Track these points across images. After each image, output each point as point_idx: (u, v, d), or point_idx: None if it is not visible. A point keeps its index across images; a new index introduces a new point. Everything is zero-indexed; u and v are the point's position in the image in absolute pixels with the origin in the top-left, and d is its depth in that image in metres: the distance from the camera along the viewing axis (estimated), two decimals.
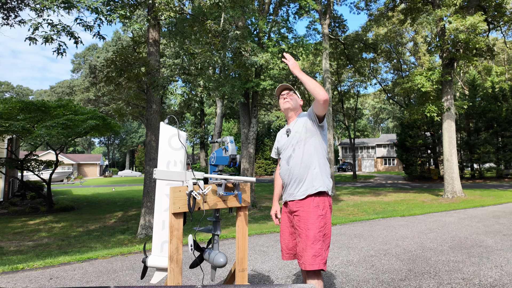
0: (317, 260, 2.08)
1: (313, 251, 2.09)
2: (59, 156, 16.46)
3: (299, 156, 2.26)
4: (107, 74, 9.95)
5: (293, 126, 2.36)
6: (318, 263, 2.08)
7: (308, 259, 2.08)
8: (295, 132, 2.32)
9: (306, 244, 2.11)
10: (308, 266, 2.08)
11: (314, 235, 2.12)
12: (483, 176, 26.78)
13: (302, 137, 2.28)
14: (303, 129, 2.28)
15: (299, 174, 2.24)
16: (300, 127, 2.30)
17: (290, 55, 12.93)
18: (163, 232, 2.20)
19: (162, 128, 2.23)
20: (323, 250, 2.12)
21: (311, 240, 2.11)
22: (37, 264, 4.36)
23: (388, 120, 71.78)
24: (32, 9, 6.81)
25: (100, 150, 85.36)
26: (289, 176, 2.30)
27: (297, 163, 2.26)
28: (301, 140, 2.27)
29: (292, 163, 2.29)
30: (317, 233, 2.12)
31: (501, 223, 6.48)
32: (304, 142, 2.27)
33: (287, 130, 2.40)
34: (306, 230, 2.14)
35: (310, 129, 2.27)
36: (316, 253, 2.09)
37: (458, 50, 14.30)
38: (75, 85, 43.79)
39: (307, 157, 2.25)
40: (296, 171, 2.26)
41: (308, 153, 2.25)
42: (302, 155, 2.25)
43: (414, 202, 13.50)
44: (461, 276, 3.45)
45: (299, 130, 2.30)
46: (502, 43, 30.86)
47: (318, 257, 2.09)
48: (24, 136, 13.35)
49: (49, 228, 10.82)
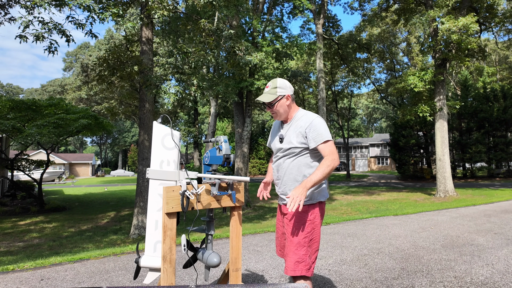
0: (299, 266, 2.03)
1: (296, 257, 2.05)
2: (50, 156, 16.26)
3: (289, 168, 2.17)
4: (100, 72, 9.85)
5: (287, 132, 2.21)
6: (301, 269, 2.03)
7: (290, 265, 2.05)
8: (287, 143, 2.17)
9: (290, 250, 2.08)
10: (290, 272, 2.04)
11: (298, 241, 2.07)
12: (475, 176, 27.11)
13: (293, 151, 2.15)
14: (295, 142, 2.14)
15: (288, 184, 2.19)
16: (293, 139, 2.14)
17: (284, 56, 12.78)
18: (156, 232, 2.18)
19: (155, 128, 2.21)
20: (307, 256, 2.06)
21: (294, 245, 2.07)
22: (28, 265, 4.29)
23: (382, 120, 72.32)
24: (23, 7, 6.71)
25: (92, 150, 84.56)
26: (279, 183, 2.25)
27: (286, 174, 2.18)
28: (292, 153, 2.15)
29: (281, 172, 2.21)
30: (302, 239, 2.07)
31: (492, 221, 6.56)
32: (296, 155, 2.16)
33: (280, 136, 2.24)
34: (292, 235, 2.09)
35: (302, 142, 2.13)
36: (299, 259, 2.04)
37: (450, 50, 14.45)
38: (66, 83, 43.31)
39: (296, 170, 2.15)
40: (285, 181, 2.20)
41: (298, 165, 2.15)
42: (292, 167, 2.16)
43: (407, 201, 13.62)
44: (453, 275, 3.48)
45: (291, 142, 2.15)
46: (494, 44, 31.26)
47: (301, 263, 2.04)
48: (14, 135, 13.18)
49: (40, 229, 10.68)
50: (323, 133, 2.09)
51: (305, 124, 2.12)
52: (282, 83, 2.19)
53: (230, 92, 10.78)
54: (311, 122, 2.11)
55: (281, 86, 2.18)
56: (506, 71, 37.56)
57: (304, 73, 24.00)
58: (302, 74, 23.18)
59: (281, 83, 2.19)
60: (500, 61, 39.53)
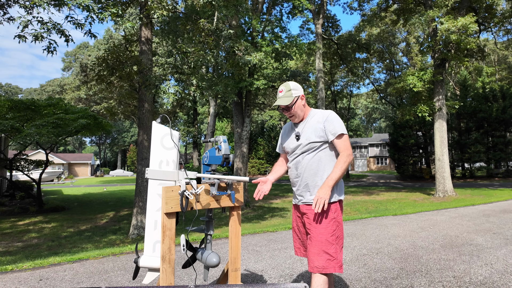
0: (332, 263, 2.04)
1: (328, 255, 2.05)
2: (49, 156, 16.23)
3: (309, 163, 2.18)
4: (99, 72, 9.84)
5: (303, 129, 2.24)
6: (334, 266, 2.04)
7: (321, 263, 2.04)
8: (305, 139, 2.19)
9: (319, 248, 2.07)
10: (323, 270, 2.03)
11: (326, 239, 2.07)
12: (474, 175, 27.14)
13: (313, 146, 2.17)
14: (314, 137, 2.17)
15: (308, 181, 2.19)
16: (311, 134, 2.19)
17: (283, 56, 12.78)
18: (155, 232, 2.18)
19: (154, 128, 2.21)
20: (337, 253, 2.08)
21: (324, 244, 2.07)
22: (27, 265, 4.29)
23: (381, 120, 72.38)
24: (22, 6, 6.70)
25: (91, 150, 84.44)
26: (298, 181, 2.24)
27: (307, 170, 2.19)
28: (311, 148, 2.18)
29: (301, 169, 2.21)
30: (329, 236, 2.08)
31: (491, 221, 6.57)
32: (315, 150, 2.18)
33: (296, 134, 2.26)
34: (318, 234, 2.09)
35: (321, 136, 2.17)
36: (330, 257, 2.05)
37: (449, 50, 14.46)
38: (65, 83, 43.21)
39: (316, 165, 2.17)
40: (305, 178, 2.20)
41: (318, 160, 2.17)
42: (312, 163, 2.18)
43: (406, 201, 13.63)
44: (452, 274, 3.48)
45: (310, 137, 2.18)
46: (493, 44, 31.31)
47: (333, 261, 2.05)
48: (13, 135, 13.16)
49: (39, 229, 10.67)
50: (339, 126, 2.16)
51: (322, 118, 2.20)
52: (294, 85, 2.26)
53: (229, 92, 10.78)
54: (328, 115, 2.19)
55: (295, 88, 2.25)
56: (505, 71, 37.63)
57: (303, 73, 24.01)
58: (302, 74, 23.18)
59: (294, 85, 2.26)
60: (499, 61, 39.61)
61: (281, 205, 14.22)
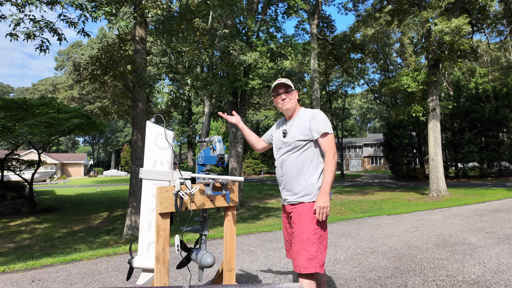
0: (312, 263, 2.03)
1: (308, 254, 2.04)
2: (42, 156, 16.07)
3: (293, 164, 2.19)
4: (92, 71, 9.75)
5: (290, 128, 2.25)
6: (314, 266, 2.03)
7: (302, 262, 2.04)
8: (291, 137, 2.21)
9: (300, 247, 2.07)
10: (303, 270, 2.03)
11: (308, 238, 2.07)
12: (467, 175, 27.42)
13: (298, 144, 2.18)
14: (299, 135, 2.18)
15: (293, 181, 2.19)
16: (297, 132, 2.20)
17: (279, 56, 12.83)
18: (149, 233, 2.16)
19: (148, 127, 2.19)
20: (319, 253, 2.07)
21: (305, 242, 2.06)
22: (19, 266, 4.23)
23: (375, 120, 72.80)
24: (14, 4, 6.61)
25: (85, 149, 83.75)
26: (283, 180, 2.25)
27: (291, 169, 2.19)
28: (297, 147, 2.18)
29: (286, 168, 2.22)
30: (311, 235, 2.07)
31: (484, 221, 6.63)
32: (300, 149, 2.18)
33: (283, 131, 2.28)
34: (301, 233, 2.09)
35: (306, 134, 2.17)
36: (311, 256, 2.04)
37: (443, 51, 14.59)
38: (58, 82, 42.72)
39: (301, 164, 2.17)
40: (289, 177, 2.20)
41: (303, 160, 2.17)
42: (297, 162, 2.18)
43: (400, 200, 13.72)
44: (445, 273, 3.51)
45: (295, 135, 2.19)
46: (486, 45, 31.66)
47: (314, 260, 2.04)
48: (4, 135, 12.98)
49: (31, 230, 10.55)
50: (324, 125, 2.16)
51: (309, 117, 2.21)
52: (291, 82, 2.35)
53: (224, 91, 10.74)
54: (315, 114, 2.20)
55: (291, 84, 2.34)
56: (497, 72, 38.05)
57: (298, 73, 24.00)
58: (297, 74, 23.15)
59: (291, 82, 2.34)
60: (492, 62, 40.07)
61: (276, 205, 14.23)
